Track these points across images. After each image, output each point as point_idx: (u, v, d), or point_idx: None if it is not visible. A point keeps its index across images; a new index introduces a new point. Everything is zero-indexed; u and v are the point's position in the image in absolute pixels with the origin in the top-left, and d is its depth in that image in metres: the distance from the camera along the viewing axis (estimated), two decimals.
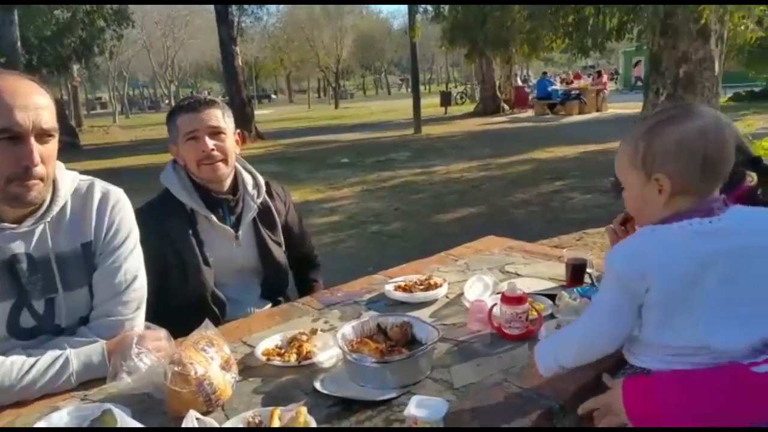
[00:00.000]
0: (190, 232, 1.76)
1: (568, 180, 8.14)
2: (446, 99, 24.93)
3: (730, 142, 1.09)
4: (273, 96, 62.88)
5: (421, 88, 21.85)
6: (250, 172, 1.93)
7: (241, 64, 17.97)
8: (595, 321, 1.17)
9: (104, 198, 1.39)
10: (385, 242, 5.65)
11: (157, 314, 1.46)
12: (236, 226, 1.84)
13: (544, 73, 23.57)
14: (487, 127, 17.03)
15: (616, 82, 34.88)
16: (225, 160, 1.78)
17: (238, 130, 1.89)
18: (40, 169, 1.21)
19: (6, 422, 1.14)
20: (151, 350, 1.20)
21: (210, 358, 1.18)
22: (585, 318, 1.21)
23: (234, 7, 17.71)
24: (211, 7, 17.91)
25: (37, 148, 1.20)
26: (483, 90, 23.24)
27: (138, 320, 1.39)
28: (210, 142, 1.74)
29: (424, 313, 1.59)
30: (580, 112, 18.73)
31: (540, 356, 1.22)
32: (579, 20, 7.96)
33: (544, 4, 8.09)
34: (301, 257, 2.09)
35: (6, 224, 1.26)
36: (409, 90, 23.08)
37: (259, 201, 1.89)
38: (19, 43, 16.18)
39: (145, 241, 1.46)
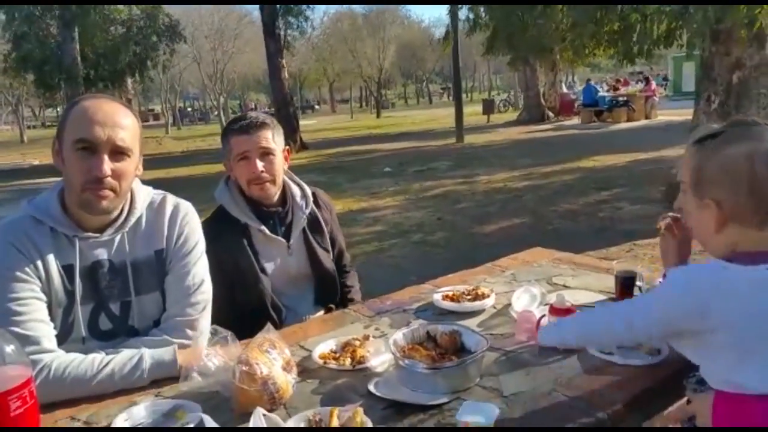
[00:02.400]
0: (246, 244, 1.87)
1: (616, 189, 8.00)
2: (489, 107, 24.81)
3: None
4: (316, 106, 63.75)
5: (464, 96, 21.80)
6: (298, 184, 2.04)
7: (287, 75, 18.38)
8: (619, 322, 1.19)
9: (175, 210, 1.51)
10: (427, 252, 5.70)
11: (222, 323, 1.56)
12: (287, 236, 1.95)
13: (588, 80, 23.17)
14: (531, 135, 16.87)
15: (665, 89, 33.93)
16: (273, 181, 1.89)
17: (287, 147, 2.00)
18: (110, 182, 1.34)
19: (90, 413, 1.25)
20: (219, 352, 1.29)
21: (273, 359, 1.26)
22: (613, 312, 1.26)
23: (281, 21, 18.12)
24: (259, 20, 18.42)
25: (108, 162, 1.32)
26: (527, 97, 23.00)
27: (204, 321, 1.49)
28: (260, 164, 1.85)
29: (471, 323, 1.63)
30: (629, 120, 18.32)
31: (546, 328, 1.36)
32: (624, 27, 7.84)
33: (588, 12, 8.01)
34: (340, 264, 2.17)
35: (90, 233, 1.39)
36: (451, 99, 23.03)
37: (307, 211, 2.00)
38: (78, 58, 17.04)
39: (208, 256, 1.57)
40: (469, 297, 1.76)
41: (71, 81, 16.13)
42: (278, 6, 18.10)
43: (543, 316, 1.51)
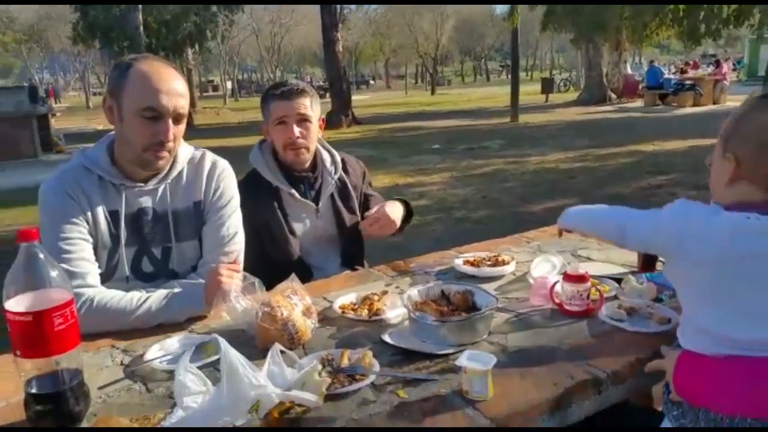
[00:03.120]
0: (276, 206, 1.98)
1: (672, 175, 7.74)
2: (548, 86, 24.18)
3: None
4: (371, 81, 63.69)
5: (523, 74, 21.34)
6: (329, 151, 2.13)
7: (341, 49, 18.43)
8: (615, 227, 1.31)
9: (213, 166, 1.64)
10: (469, 228, 5.72)
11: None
12: (316, 200, 2.04)
13: (652, 62, 22.17)
14: (590, 117, 16.39)
15: (739, 73, 32.09)
16: (307, 147, 1.98)
17: (322, 116, 2.09)
18: (170, 144, 1.48)
19: (128, 343, 1.39)
20: (246, 296, 1.41)
21: (294, 304, 1.37)
22: (614, 216, 1.35)
23: None
24: None
25: (172, 127, 1.46)
26: (588, 77, 22.26)
27: (236, 267, 1.60)
28: (296, 129, 1.94)
29: (489, 287, 1.68)
30: (695, 104, 17.46)
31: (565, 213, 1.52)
32: (688, 6, 7.45)
33: None
34: None
35: (136, 183, 1.53)
36: (510, 77, 22.66)
37: (336, 177, 2.08)
38: (141, 28, 17.64)
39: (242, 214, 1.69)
40: (489, 263, 1.82)
41: (134, 49, 16.74)
42: None
43: (557, 282, 1.56)
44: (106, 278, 1.51)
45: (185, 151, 1.61)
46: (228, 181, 1.66)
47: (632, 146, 10.33)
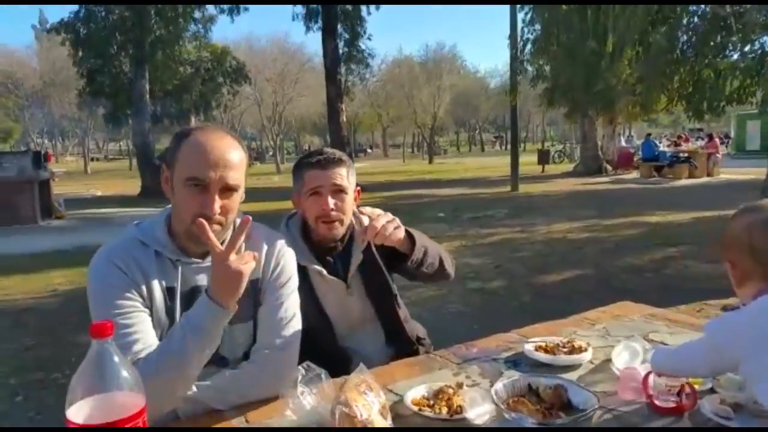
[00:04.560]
0: (306, 288, 1.77)
1: (682, 246, 7.66)
2: (544, 157, 24.63)
3: None
4: (368, 150, 64.87)
5: None
6: (359, 221, 1.95)
7: (345, 119, 18.82)
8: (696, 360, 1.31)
9: (272, 243, 1.52)
10: (487, 300, 5.54)
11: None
12: (345, 275, 1.87)
13: (648, 135, 22.74)
14: (589, 188, 16.54)
15: (727, 146, 32.92)
16: (342, 220, 1.82)
17: (359, 187, 1.94)
18: (218, 218, 1.35)
19: None
20: (313, 390, 1.24)
21: (371, 402, 1.20)
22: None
23: (342, 67, 18.70)
24: (321, 66, 19.07)
25: (218, 201, 1.34)
26: (584, 149, 22.71)
27: (294, 353, 1.46)
28: (331, 201, 1.78)
29: (569, 378, 1.53)
30: (690, 176, 17.76)
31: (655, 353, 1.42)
32: (695, 83, 7.66)
33: (657, 67, 7.89)
34: None
35: (193, 259, 1.40)
36: (504, 147, 22.95)
37: (362, 247, 1.89)
38: (147, 96, 18.02)
39: None
40: (565, 350, 1.66)
41: (139, 116, 17.02)
42: (341, 53, 18.72)
43: (649, 373, 1.40)
44: None
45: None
46: (288, 258, 1.53)
47: (636, 217, 10.32)
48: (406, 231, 1.78)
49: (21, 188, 12.06)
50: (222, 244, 1.42)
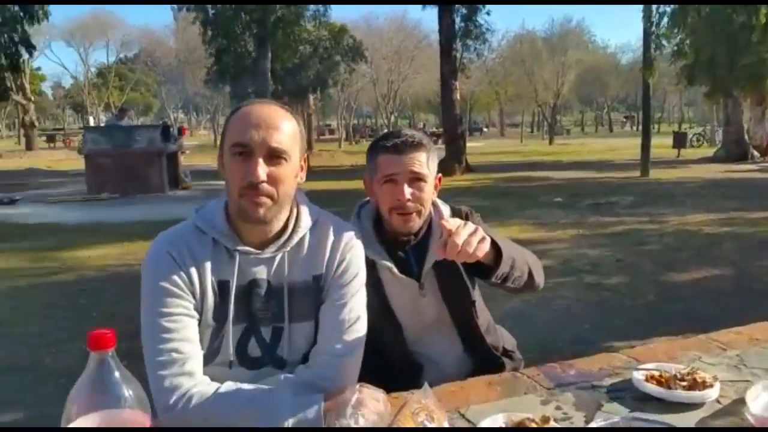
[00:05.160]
0: (373, 286, 1.56)
1: None
2: (680, 141, 22.53)
3: None
4: (485, 129, 63.55)
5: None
6: (438, 210, 1.69)
7: (458, 97, 18.42)
8: None
9: (339, 236, 1.36)
10: (604, 297, 5.06)
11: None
12: (419, 274, 1.64)
13: None
14: (732, 175, 14.83)
15: None
16: (419, 212, 1.60)
17: (439, 174, 1.69)
18: (266, 187, 1.22)
19: None
20: (366, 414, 1.07)
21: None
22: None
23: (458, 43, 18.24)
24: (437, 44, 18.73)
25: (263, 166, 1.21)
26: (726, 133, 20.41)
27: (354, 363, 1.31)
28: (408, 191, 1.56)
29: (687, 419, 1.23)
30: None
31: None
32: None
33: None
34: None
35: (251, 249, 1.28)
36: (635, 128, 21.21)
37: (441, 242, 1.67)
38: (269, 74, 18.81)
39: None
40: (684, 383, 1.34)
41: (260, 94, 17.86)
42: (457, 28, 18.24)
43: None
44: (207, 361, 1.27)
45: (309, 216, 1.35)
46: (355, 253, 1.37)
47: None
48: (492, 241, 1.49)
49: (150, 159, 13.17)
50: (284, 231, 1.31)
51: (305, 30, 20.34)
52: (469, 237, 1.33)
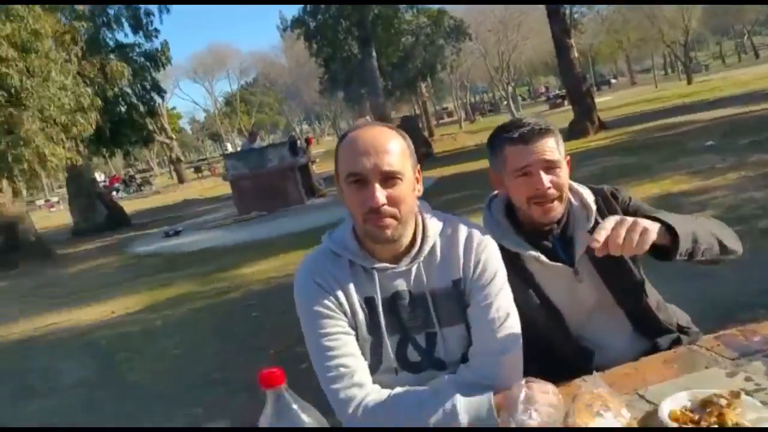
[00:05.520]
0: (522, 278, 1.54)
1: None
2: None
3: None
4: (612, 80, 59.42)
5: None
6: (576, 193, 1.62)
7: (576, 55, 17.41)
8: None
9: (469, 238, 1.38)
10: None
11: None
12: (570, 260, 1.57)
13: None
14: None
15: None
16: (560, 197, 1.54)
17: (567, 155, 1.59)
18: (388, 209, 1.26)
19: None
20: (539, 408, 1.07)
21: (609, 425, 0.98)
22: None
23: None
24: (542, 6, 17.81)
25: (380, 191, 1.26)
26: None
27: (515, 358, 1.31)
28: (546, 179, 1.50)
29: None
30: None
31: None
32: None
33: None
34: None
35: (387, 264, 1.34)
36: None
37: (590, 225, 1.55)
38: (377, 72, 19.10)
39: None
40: None
41: (372, 92, 18.23)
42: None
43: None
44: (373, 371, 1.35)
45: (434, 224, 1.39)
46: (489, 254, 1.37)
47: None
48: (661, 222, 1.34)
49: (284, 175, 14.11)
50: (413, 243, 1.36)
51: (404, 21, 20.40)
52: (629, 232, 1.23)
